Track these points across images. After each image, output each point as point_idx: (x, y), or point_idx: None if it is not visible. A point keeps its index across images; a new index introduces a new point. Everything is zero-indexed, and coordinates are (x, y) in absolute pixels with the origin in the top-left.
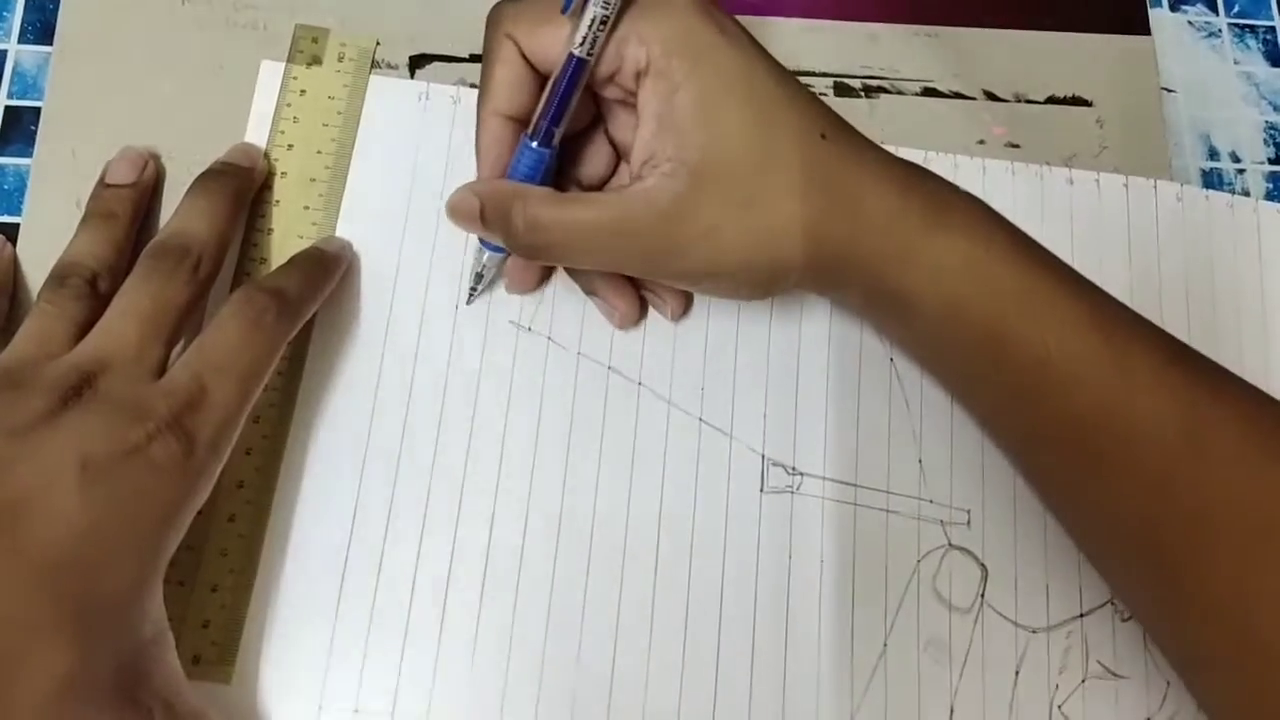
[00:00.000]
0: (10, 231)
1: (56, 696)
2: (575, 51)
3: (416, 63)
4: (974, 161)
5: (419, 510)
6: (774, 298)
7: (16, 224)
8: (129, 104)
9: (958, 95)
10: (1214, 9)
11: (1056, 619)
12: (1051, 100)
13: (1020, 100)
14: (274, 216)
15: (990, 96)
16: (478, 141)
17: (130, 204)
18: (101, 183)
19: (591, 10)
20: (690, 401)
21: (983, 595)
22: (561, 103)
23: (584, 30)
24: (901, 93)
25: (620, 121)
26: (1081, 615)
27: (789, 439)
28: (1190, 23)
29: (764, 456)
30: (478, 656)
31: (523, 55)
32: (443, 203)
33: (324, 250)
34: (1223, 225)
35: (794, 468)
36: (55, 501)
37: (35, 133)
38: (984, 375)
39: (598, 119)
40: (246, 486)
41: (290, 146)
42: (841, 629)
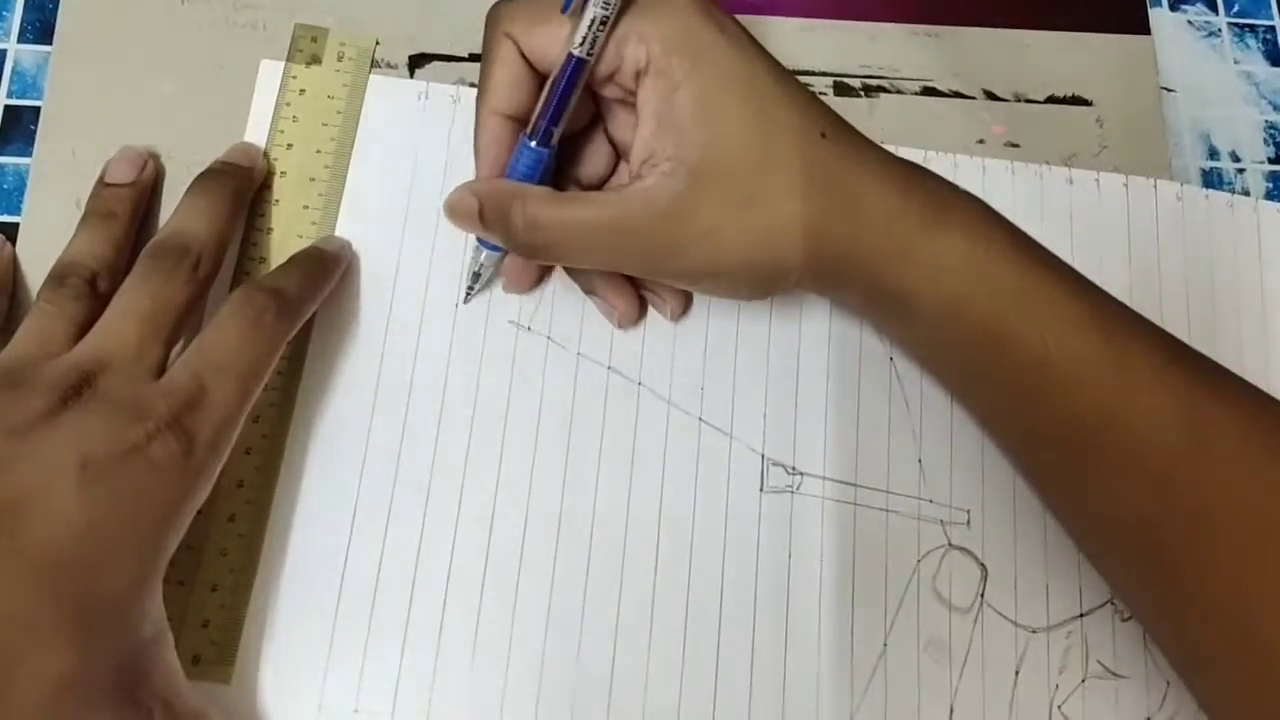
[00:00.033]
0: (10, 231)
1: (56, 696)
2: (575, 51)
3: (416, 62)
4: (974, 161)
5: (419, 510)
6: (774, 297)
7: (16, 223)
8: (128, 103)
9: (957, 95)
10: (1214, 9)
11: (1056, 619)
12: (1051, 100)
13: (1020, 100)
14: (273, 216)
15: (990, 96)
16: (476, 141)
17: (130, 203)
18: (101, 182)
19: (591, 10)
20: (690, 401)
21: (982, 595)
22: (560, 102)
23: (583, 30)
24: (901, 92)
25: (620, 121)
26: (1081, 615)
27: (789, 439)
28: (1190, 22)
29: (764, 456)
30: (478, 656)
31: (522, 54)
32: (442, 202)
33: (323, 250)
34: (1223, 225)
35: (794, 467)
36: (55, 501)
37: (35, 132)
38: (984, 375)
39: (597, 118)
40: (246, 486)
41: (290, 146)
42: (841, 629)
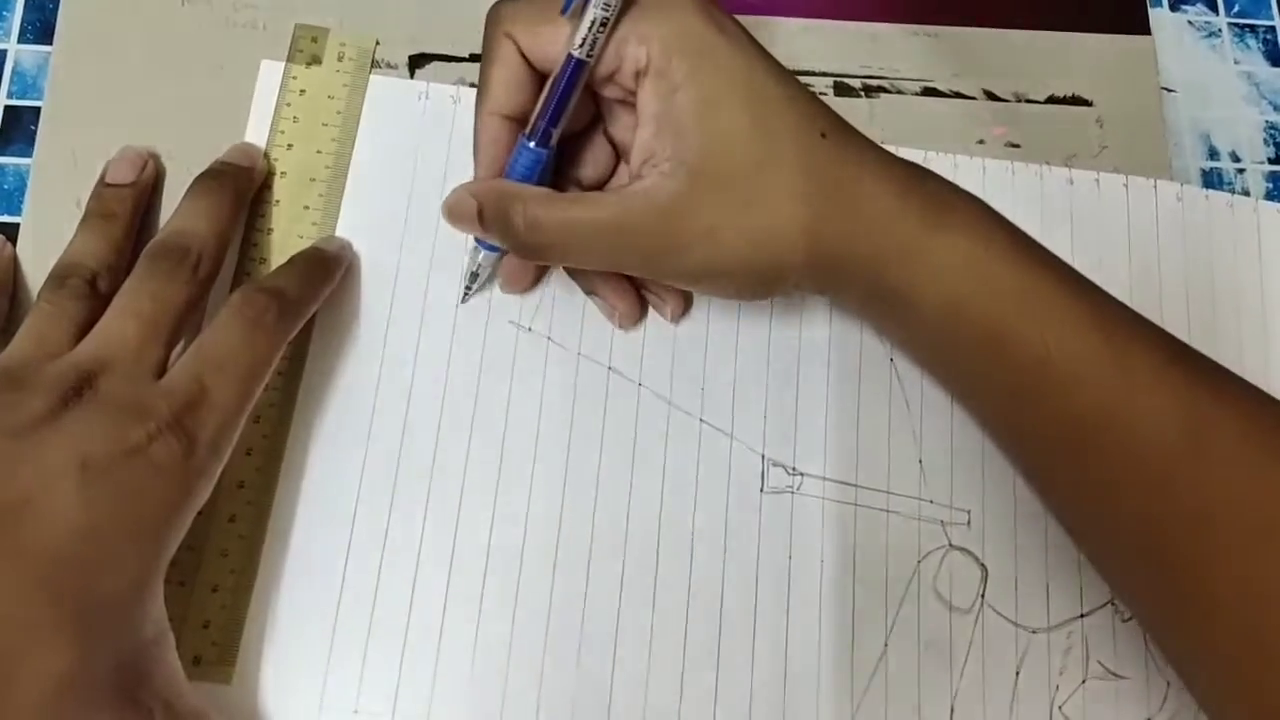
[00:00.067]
0: (10, 231)
1: (56, 696)
2: (575, 53)
3: (416, 62)
4: (974, 161)
5: (419, 511)
6: (774, 298)
7: (16, 224)
8: (129, 103)
9: (958, 95)
10: (1214, 9)
11: (1057, 619)
12: (1051, 100)
13: (1020, 100)
14: (274, 216)
15: (990, 96)
16: (475, 141)
17: (130, 203)
18: (101, 182)
19: (591, 12)
20: (690, 402)
21: (983, 595)
22: (560, 103)
23: (584, 32)
24: (901, 92)
25: (620, 121)
26: (1082, 615)
27: (789, 439)
28: (1190, 22)
29: (764, 457)
30: (478, 657)
31: (522, 55)
32: (441, 202)
33: (324, 250)
34: (1223, 225)
35: (794, 468)
36: (56, 502)
37: (35, 132)
38: (984, 375)
39: (597, 118)
40: (247, 487)
41: (290, 146)
42: (842, 629)
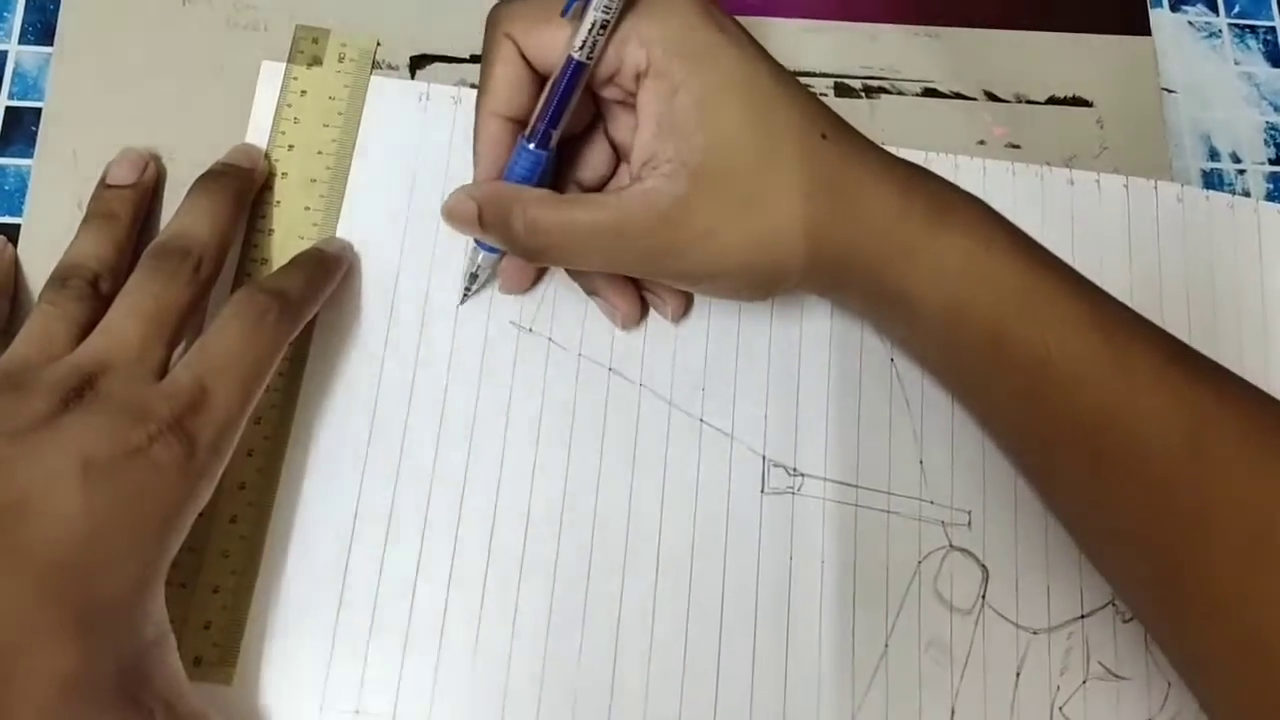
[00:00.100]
0: (11, 232)
1: (58, 697)
2: (575, 55)
3: (417, 63)
4: (974, 162)
5: (420, 511)
6: (775, 299)
7: (17, 225)
8: (130, 105)
9: (958, 96)
10: (1214, 9)
11: (1057, 620)
12: (1052, 101)
13: (1021, 101)
14: (275, 217)
15: (991, 97)
16: (475, 142)
17: (131, 205)
18: (102, 183)
19: (592, 14)
20: (691, 402)
21: (984, 596)
22: (559, 105)
23: (584, 34)
24: (902, 93)
25: (620, 122)
26: (1083, 616)
27: (790, 440)
28: (1190, 23)
29: (765, 457)
30: (479, 658)
31: (522, 56)
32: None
33: (325, 251)
34: (1223, 226)
35: (795, 469)
36: (57, 503)
37: (36, 133)
38: (985, 375)
39: (598, 119)
40: (248, 488)
41: (291, 147)
42: (842, 630)
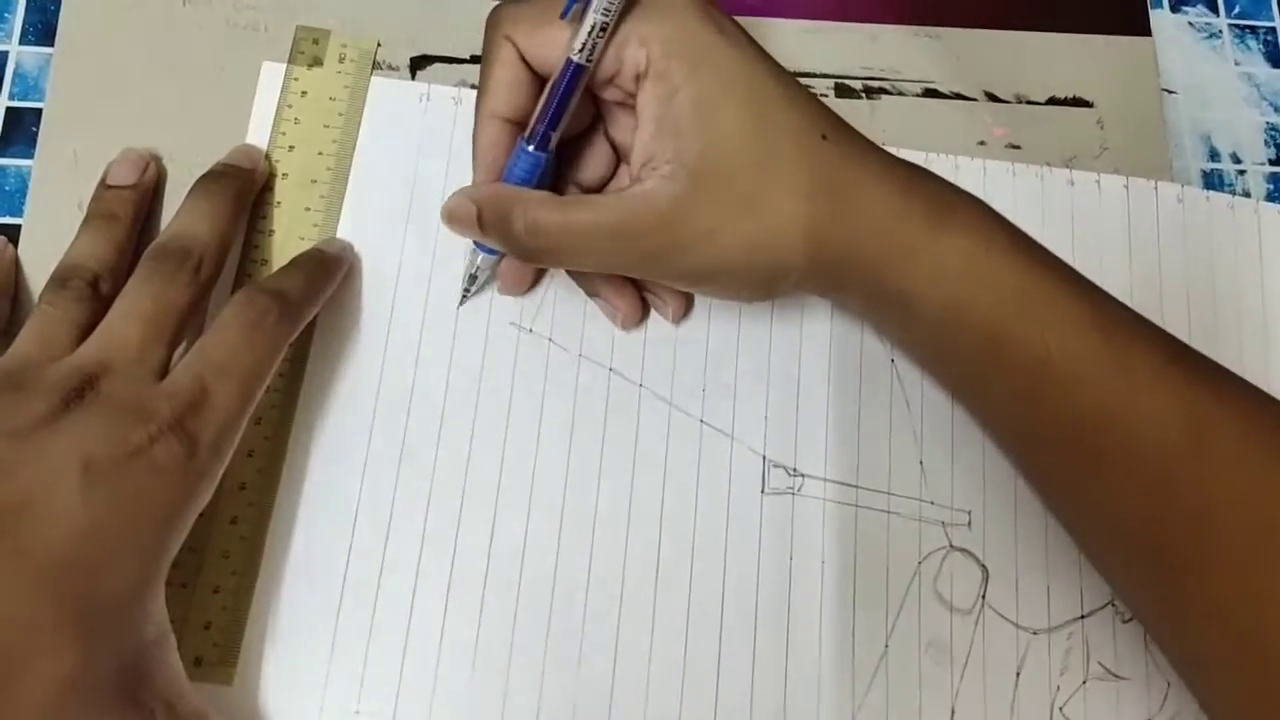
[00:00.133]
0: (12, 233)
1: (58, 697)
2: (574, 57)
3: (417, 64)
4: (975, 162)
5: (420, 512)
6: (775, 299)
7: (18, 225)
8: (130, 105)
9: (959, 96)
10: (1214, 10)
11: (1057, 620)
12: (1052, 101)
13: (1021, 101)
14: (275, 218)
15: (991, 97)
16: (475, 144)
17: (131, 205)
18: (103, 184)
19: (591, 17)
20: (691, 403)
21: (984, 596)
22: (559, 108)
23: (583, 36)
24: (902, 94)
25: (620, 123)
26: (1082, 616)
27: (790, 440)
28: (1191, 24)
29: (765, 458)
30: (479, 658)
31: (522, 58)
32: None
33: (325, 252)
34: (1223, 226)
35: (795, 469)
36: (57, 503)
37: (37, 134)
38: (985, 375)
39: (598, 120)
40: (249, 488)
41: (291, 148)
42: (843, 630)
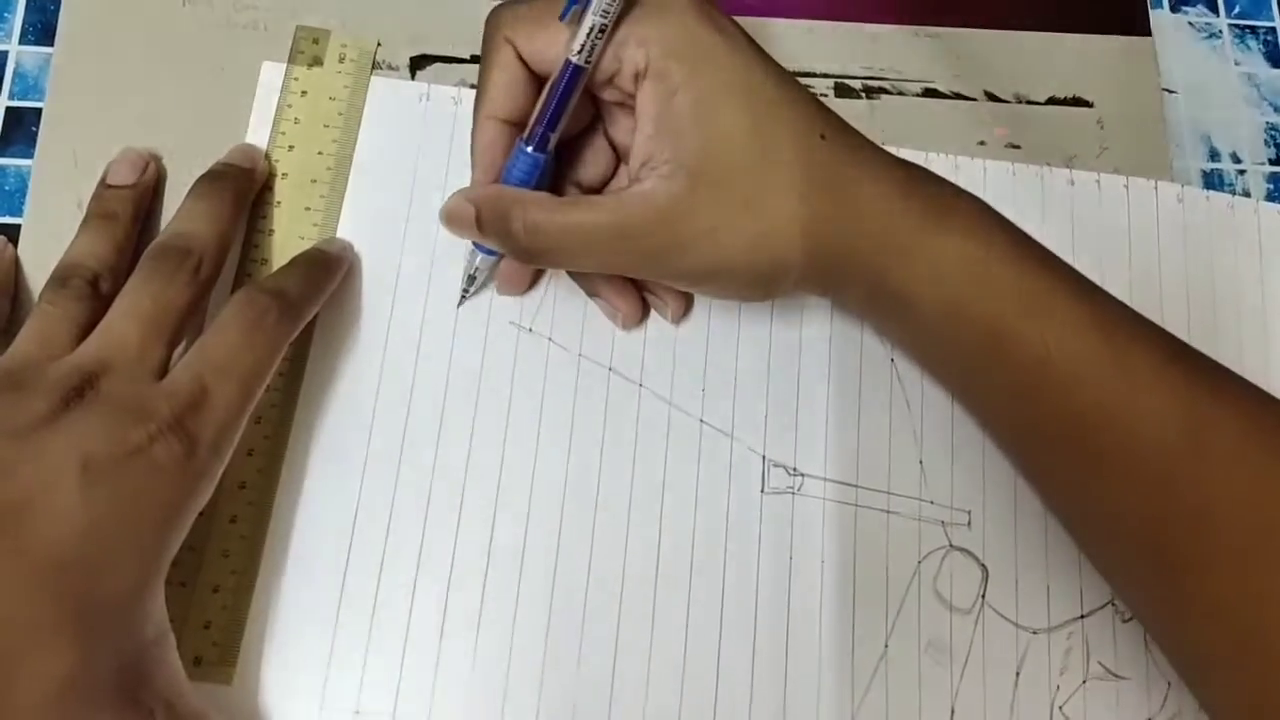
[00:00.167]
0: (12, 232)
1: (58, 697)
2: (573, 59)
3: (417, 64)
4: (975, 162)
5: (420, 511)
6: (775, 299)
7: (18, 225)
8: (130, 105)
9: (958, 96)
10: (1214, 10)
11: (1057, 620)
12: (1052, 101)
13: (1021, 101)
14: (275, 217)
15: (991, 97)
16: (473, 145)
17: (131, 205)
18: (103, 183)
19: (590, 18)
20: (691, 402)
21: (983, 596)
22: (557, 109)
23: (582, 38)
24: (902, 93)
25: (619, 123)
26: (1082, 616)
27: (790, 440)
28: (1191, 23)
29: (765, 457)
30: (479, 658)
31: (520, 59)
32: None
33: (325, 251)
34: (1223, 226)
35: (795, 468)
36: (57, 502)
37: (36, 134)
38: (984, 375)
39: (597, 120)
40: (248, 488)
41: (291, 148)
42: (842, 630)
